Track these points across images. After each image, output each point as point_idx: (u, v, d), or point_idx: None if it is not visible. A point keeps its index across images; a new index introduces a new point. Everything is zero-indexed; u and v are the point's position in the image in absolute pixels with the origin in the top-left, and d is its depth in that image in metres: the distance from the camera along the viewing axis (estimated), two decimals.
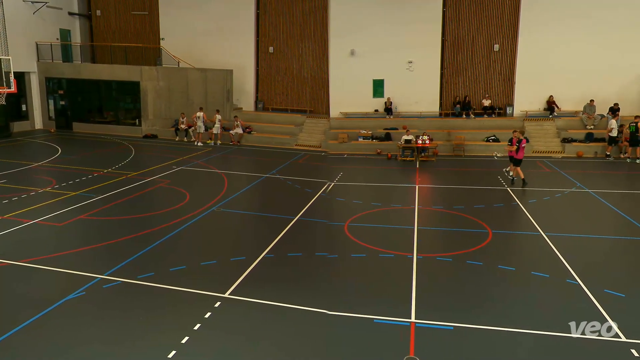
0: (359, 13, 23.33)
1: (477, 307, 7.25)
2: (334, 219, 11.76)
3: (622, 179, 16.57)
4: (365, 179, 16.69)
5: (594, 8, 21.34)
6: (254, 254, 9.18)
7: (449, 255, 9.22)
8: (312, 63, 25.30)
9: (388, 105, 23.63)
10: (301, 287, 7.95)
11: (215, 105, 24.06)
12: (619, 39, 21.27)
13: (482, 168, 17.97)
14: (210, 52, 25.51)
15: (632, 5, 21.13)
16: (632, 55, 21.47)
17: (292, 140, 23.01)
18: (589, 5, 21.38)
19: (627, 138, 19.14)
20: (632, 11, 21.15)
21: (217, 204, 12.69)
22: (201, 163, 18.37)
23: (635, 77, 21.76)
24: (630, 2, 21.14)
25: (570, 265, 8.62)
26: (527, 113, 22.72)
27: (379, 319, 6.86)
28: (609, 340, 6.26)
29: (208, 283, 7.94)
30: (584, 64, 21.59)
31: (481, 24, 23.02)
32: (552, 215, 12.43)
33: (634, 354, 5.92)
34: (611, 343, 6.21)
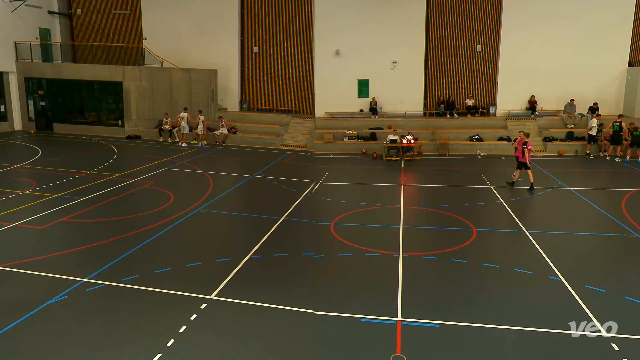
0: (344, 13, 23.39)
1: (462, 305, 7.32)
2: (320, 218, 11.77)
3: (602, 177, 16.92)
4: (351, 178, 16.74)
5: (573, 10, 21.76)
6: (240, 255, 9.13)
7: (434, 254, 9.30)
8: (297, 63, 25.29)
9: (373, 105, 23.74)
10: (288, 288, 7.93)
11: (199, 105, 23.88)
12: (597, 40, 21.73)
13: (466, 167, 18.17)
14: (194, 52, 25.30)
15: (610, 7, 21.61)
16: (610, 56, 21.96)
17: (277, 141, 22.96)
18: (568, 7, 21.79)
19: (606, 137, 19.56)
20: (610, 13, 21.63)
21: (202, 205, 12.59)
22: (186, 164, 18.20)
23: (613, 77, 22.26)
24: (608, 5, 21.61)
25: (553, 262, 8.77)
26: (510, 112, 23.05)
27: (365, 318, 6.88)
28: (589, 334, 6.38)
29: (194, 285, 7.87)
30: (564, 64, 22.01)
31: (464, 25, 23.28)
32: (535, 213, 12.64)
33: (614, 348, 6.04)
34: (592, 338, 6.33)
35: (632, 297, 7.38)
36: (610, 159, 19.08)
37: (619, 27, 21.79)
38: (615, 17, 21.69)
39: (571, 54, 21.91)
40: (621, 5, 21.66)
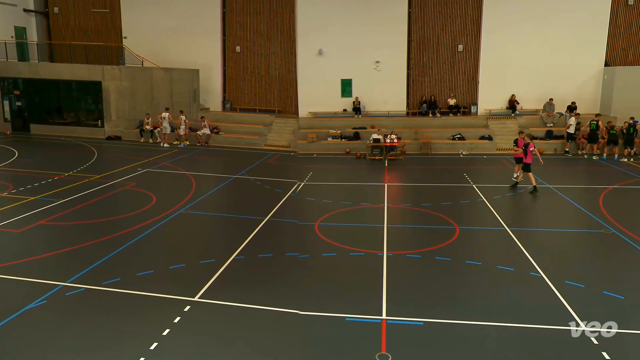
0: (326, 13, 23.41)
1: (446, 302, 7.41)
2: (304, 218, 11.76)
3: (580, 175, 17.30)
4: (335, 178, 16.77)
5: (551, 10, 22.17)
6: (224, 256, 9.07)
7: (418, 252, 9.38)
8: (280, 63, 25.22)
9: (356, 104, 23.82)
10: (273, 288, 7.91)
11: (181, 105, 23.62)
12: (575, 40, 22.19)
13: (448, 166, 18.38)
14: (175, 52, 25.02)
15: (587, 8, 22.09)
16: (587, 56, 22.45)
17: (261, 141, 22.87)
18: (546, 8, 22.19)
19: (584, 135, 20.00)
20: (587, 14, 22.11)
21: (185, 206, 12.46)
22: (168, 165, 17.99)
23: (590, 77, 22.77)
24: (585, 6, 22.08)
25: (534, 258, 8.94)
26: (491, 112, 23.39)
27: (350, 317, 6.90)
28: (569, 329, 6.52)
29: (177, 287, 7.79)
30: (543, 64, 22.42)
31: (445, 25, 23.53)
32: (516, 210, 12.86)
33: (593, 342, 6.19)
34: (570, 331, 6.46)
35: (610, 292, 7.57)
36: (588, 157, 19.51)
37: (595, 27, 22.29)
38: (592, 18, 22.19)
39: (550, 54, 22.33)
40: (597, 6, 22.16)
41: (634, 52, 22.85)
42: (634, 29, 22.57)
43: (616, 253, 9.47)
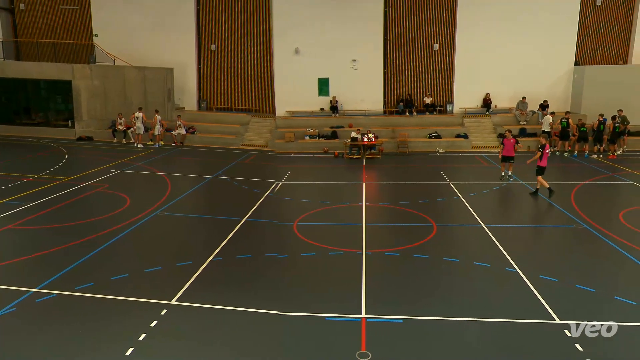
0: (302, 11, 23.39)
1: (424, 299, 7.50)
2: (282, 218, 11.73)
3: (552, 171, 17.73)
4: (313, 177, 16.78)
5: (523, 10, 22.71)
6: (201, 258, 8.96)
7: (397, 250, 9.48)
8: (256, 61, 25.08)
9: (334, 103, 23.89)
10: (251, 289, 7.86)
11: (155, 105, 23.23)
12: (546, 39, 22.78)
13: (425, 164, 18.62)
14: (148, 50, 24.58)
15: (557, 8, 22.69)
16: (558, 56, 23.09)
17: (237, 140, 22.69)
18: (518, 8, 22.72)
19: (555, 133, 20.54)
20: (557, 14, 22.73)
21: (160, 207, 12.26)
22: (142, 165, 17.67)
23: (561, 76, 23.41)
24: (555, 6, 22.68)
25: (509, 254, 9.14)
26: (466, 110, 23.80)
27: (330, 316, 6.92)
28: (544, 322, 6.70)
29: (153, 290, 7.66)
30: (516, 63, 22.93)
31: (421, 24, 23.82)
32: (491, 207, 13.12)
33: (567, 334, 6.37)
34: (546, 325, 6.65)
35: (582, 285, 7.81)
36: (559, 154, 20.06)
37: (565, 27, 22.94)
38: (562, 18, 22.82)
39: (522, 53, 22.86)
40: (567, 6, 22.80)
41: (602, 52, 23.62)
42: (602, 29, 23.32)
43: (587, 247, 9.77)
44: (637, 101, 20.68)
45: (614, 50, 23.58)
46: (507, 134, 15.69)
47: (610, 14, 23.17)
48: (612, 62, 23.48)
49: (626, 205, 12.40)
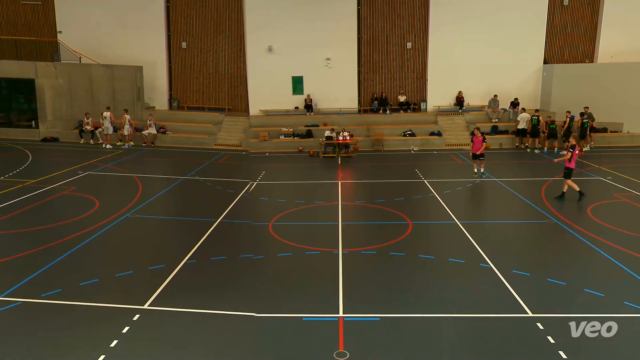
0: (274, 8, 23.28)
1: (401, 297, 7.60)
2: (258, 219, 11.67)
3: (524, 168, 18.27)
4: (288, 177, 16.75)
5: (493, 9, 23.23)
6: (175, 261, 8.83)
7: (373, 248, 9.56)
8: (228, 59, 24.85)
9: (308, 102, 23.89)
10: (227, 292, 7.79)
11: (124, 104, 22.73)
12: (516, 38, 23.37)
13: (400, 162, 18.84)
14: (116, 47, 24.01)
15: (527, 8, 23.31)
16: (527, 54, 23.73)
17: (210, 140, 22.44)
18: (489, 7, 23.23)
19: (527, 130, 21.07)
20: (527, 13, 23.35)
21: (131, 210, 12.01)
22: (111, 167, 17.26)
23: (530, 74, 24.07)
24: (525, 5, 23.29)
25: (483, 250, 9.35)
26: (440, 108, 24.19)
27: (307, 316, 6.93)
28: (517, 316, 6.89)
29: (124, 295, 7.51)
30: (487, 61, 23.43)
31: (394, 22, 24.06)
32: (465, 204, 13.39)
33: (539, 327, 6.57)
34: (520, 319, 6.84)
35: (553, 279, 8.06)
36: (530, 151, 20.63)
37: (534, 26, 23.58)
38: (531, 17, 23.45)
39: (493, 52, 23.37)
40: (536, 5, 23.44)
41: (569, 51, 24.39)
42: (569, 28, 24.09)
43: (558, 242, 10.09)
44: (602, 99, 21.45)
45: (581, 49, 24.39)
46: (475, 131, 16.02)
47: (577, 13, 23.95)
48: (579, 60, 24.28)
49: (594, 200, 12.85)
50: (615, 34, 23.26)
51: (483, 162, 15.66)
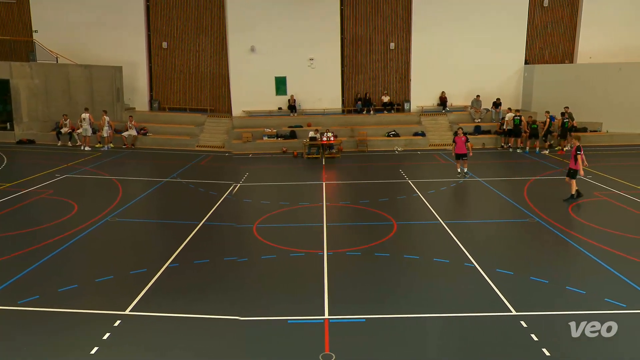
0: (257, 8, 23.22)
1: (386, 298, 7.64)
2: (241, 221, 11.60)
3: (506, 168, 18.55)
4: (272, 178, 16.70)
5: (475, 10, 23.56)
6: (157, 265, 8.72)
7: (358, 249, 9.59)
8: (210, 60, 24.68)
9: (292, 102, 23.87)
10: (210, 295, 7.73)
11: (103, 105, 22.39)
12: (497, 39, 23.72)
13: (384, 162, 18.94)
14: (94, 47, 23.66)
15: (508, 9, 23.69)
16: (509, 55, 24.11)
17: (192, 141, 22.24)
18: (470, 8, 23.55)
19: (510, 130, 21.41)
20: (508, 14, 23.73)
21: (110, 213, 11.83)
22: (90, 169, 16.98)
23: (512, 74, 24.47)
24: (506, 7, 23.67)
25: (467, 249, 9.46)
26: (423, 108, 24.41)
27: (292, 319, 6.91)
28: (502, 315, 6.98)
29: (105, 301, 7.38)
30: (470, 62, 23.74)
31: (377, 23, 24.21)
32: (449, 204, 13.53)
33: (523, 325, 6.67)
34: (504, 317, 6.93)
35: (535, 277, 8.19)
36: (512, 150, 20.96)
37: (515, 27, 23.97)
38: (512, 18, 23.84)
39: (475, 52, 23.69)
40: (516, 7, 23.82)
41: (549, 51, 24.87)
42: (549, 29, 24.57)
43: (540, 240, 10.26)
44: (582, 99, 21.91)
45: (561, 50, 24.88)
46: (458, 131, 16.22)
47: (557, 14, 24.43)
48: (559, 61, 24.78)
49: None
50: (594, 34, 23.80)
51: (466, 162, 15.84)
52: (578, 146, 12.73)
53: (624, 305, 7.14)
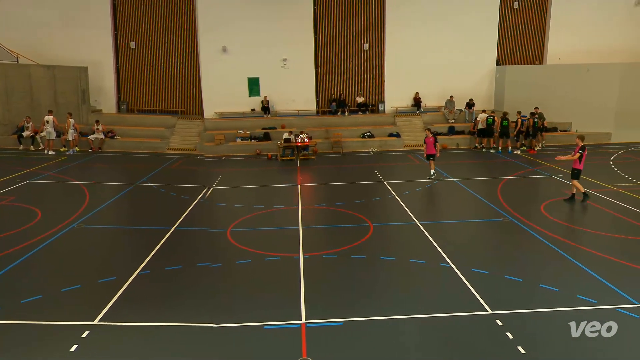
0: (229, 7, 23.05)
1: (363, 300, 7.68)
2: (215, 225, 11.47)
3: (480, 168, 18.93)
4: (246, 181, 16.58)
5: (448, 11, 24.00)
6: (127, 273, 8.53)
7: (334, 252, 9.61)
8: (181, 60, 24.37)
9: (265, 104, 23.77)
10: (183, 303, 7.60)
11: (68, 107, 21.80)
12: (470, 40, 24.24)
13: (360, 164, 19.07)
14: (57, 47, 23.03)
15: (478, 11, 24.22)
16: (481, 56, 24.64)
17: (163, 144, 21.89)
18: (443, 9, 23.97)
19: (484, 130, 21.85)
20: (479, 15, 24.26)
21: (77, 220, 11.51)
22: (54, 174, 16.48)
23: (484, 75, 25.00)
24: (477, 8, 24.19)
25: (442, 250, 9.60)
26: (397, 109, 24.70)
27: (269, 324, 6.87)
28: (478, 314, 7.11)
29: (72, 312, 7.17)
30: (442, 62, 24.16)
31: (351, 23, 24.38)
32: (424, 204, 13.72)
33: (498, 324, 6.81)
34: (480, 316, 7.06)
35: (510, 276, 8.38)
36: (485, 150, 21.41)
37: (487, 29, 24.53)
38: (484, 19, 24.39)
39: (448, 53, 24.13)
40: (487, 8, 24.37)
41: (520, 52, 25.55)
42: (520, 30, 25.24)
43: (514, 239, 10.50)
44: (552, 99, 22.59)
45: (531, 51, 25.60)
46: (427, 132, 16.43)
47: (526, 16, 25.13)
48: (530, 62, 25.49)
49: (546, 198, 13.51)
50: (562, 36, 24.59)
51: (432, 163, 16.10)
52: (582, 146, 12.67)
53: (594, 301, 7.39)
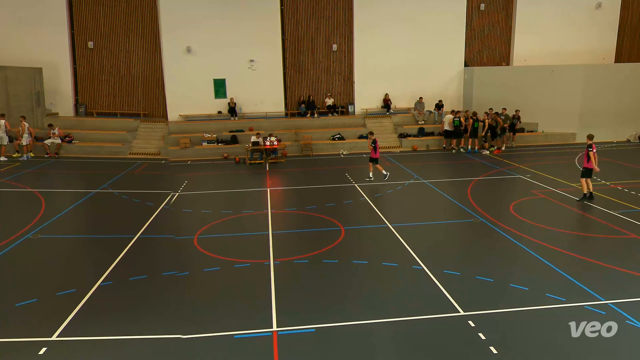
0: (193, 6, 22.79)
1: (335, 305, 7.70)
2: (181, 232, 11.28)
3: (450, 169, 19.33)
4: (213, 186, 16.38)
5: (416, 13, 24.47)
6: (87, 284, 8.27)
7: (306, 257, 9.60)
8: (143, 61, 23.90)
9: (232, 105, 23.57)
10: (149, 314, 7.43)
11: (21, 110, 21.02)
12: (438, 42, 24.77)
13: (330, 166, 19.15)
14: (9, 46, 22.21)
15: (446, 12, 24.79)
16: (449, 57, 25.22)
17: (125, 149, 21.38)
18: (412, 10, 24.43)
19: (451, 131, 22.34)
20: (448, 17, 24.83)
21: (32, 229, 11.09)
22: (6, 182, 15.85)
23: (453, 76, 25.59)
24: (446, 10, 24.74)
25: (415, 252, 9.74)
26: (367, 111, 24.94)
27: (239, 334, 6.80)
28: (450, 316, 7.24)
29: (28, 327, 6.90)
30: (411, 64, 24.60)
31: (319, 24, 24.50)
32: (396, 207, 13.88)
33: (470, 325, 6.95)
34: (452, 318, 7.19)
35: (481, 276, 8.58)
36: (455, 152, 21.89)
37: (454, 30, 25.13)
38: (451, 21, 24.97)
39: (417, 55, 24.58)
40: (455, 10, 24.97)
41: (487, 54, 26.28)
42: (486, 32, 25.97)
43: (484, 240, 10.77)
44: (519, 100, 23.32)
45: (498, 53, 26.37)
46: (369, 135, 16.59)
47: (493, 18, 25.88)
48: (497, 63, 26.25)
49: (515, 198, 13.91)
50: (528, 38, 25.46)
51: (372, 165, 16.27)
52: (590, 144, 12.74)
53: (563, 299, 7.65)
